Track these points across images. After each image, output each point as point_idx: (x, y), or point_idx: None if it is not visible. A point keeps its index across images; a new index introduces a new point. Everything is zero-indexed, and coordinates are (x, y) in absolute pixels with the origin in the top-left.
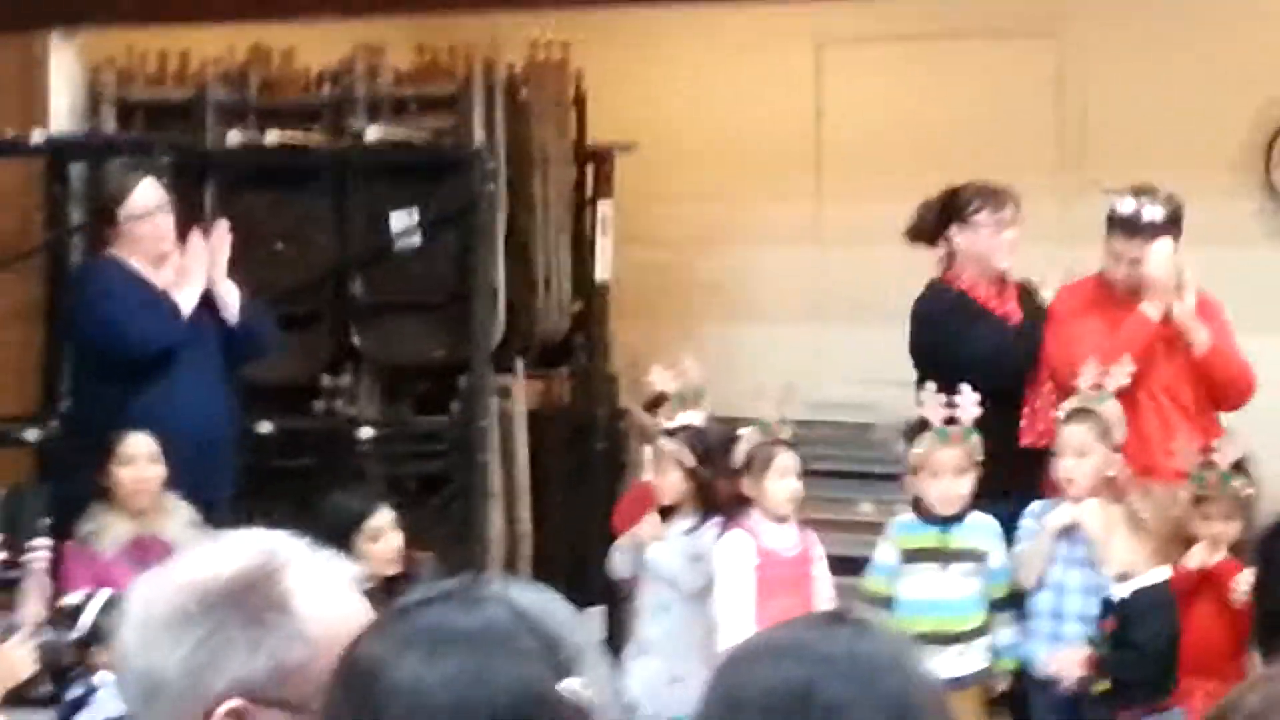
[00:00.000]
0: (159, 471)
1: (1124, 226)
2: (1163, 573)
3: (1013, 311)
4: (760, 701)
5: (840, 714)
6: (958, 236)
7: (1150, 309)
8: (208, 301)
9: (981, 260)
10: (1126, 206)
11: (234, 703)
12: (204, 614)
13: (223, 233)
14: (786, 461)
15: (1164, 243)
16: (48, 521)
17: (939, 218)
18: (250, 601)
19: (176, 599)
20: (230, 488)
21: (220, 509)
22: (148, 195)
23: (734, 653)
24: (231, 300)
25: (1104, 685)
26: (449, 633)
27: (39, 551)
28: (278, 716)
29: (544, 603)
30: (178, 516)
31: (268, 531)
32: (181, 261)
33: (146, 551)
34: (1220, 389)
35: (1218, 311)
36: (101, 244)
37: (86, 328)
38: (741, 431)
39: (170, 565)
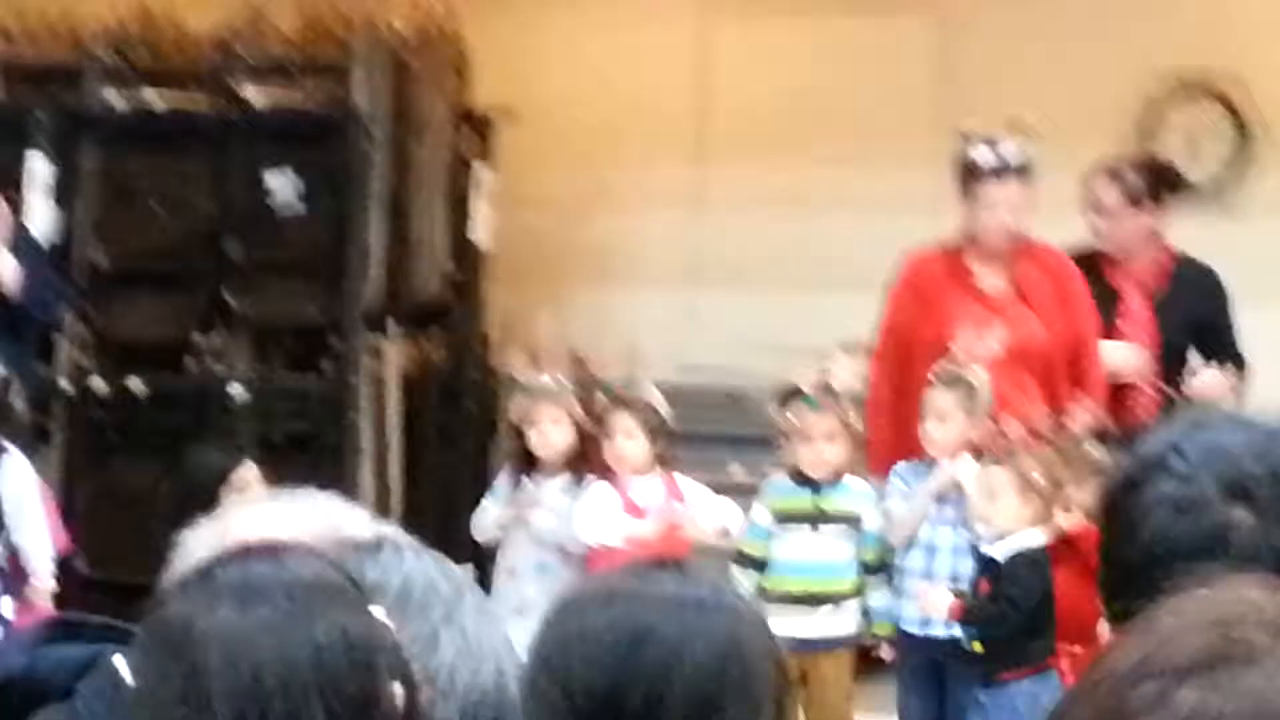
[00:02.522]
0: None
1: (996, 172)
2: (1037, 535)
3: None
4: (593, 646)
5: (674, 654)
6: None
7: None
8: None
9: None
10: (992, 153)
11: None
12: None
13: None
14: (620, 424)
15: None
16: None
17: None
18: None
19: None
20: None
21: None
22: None
23: (562, 600)
24: (7, 275)
25: (978, 645)
26: (257, 584)
27: None
28: None
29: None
30: None
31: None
32: None
33: None
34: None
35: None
36: None
37: None
38: None
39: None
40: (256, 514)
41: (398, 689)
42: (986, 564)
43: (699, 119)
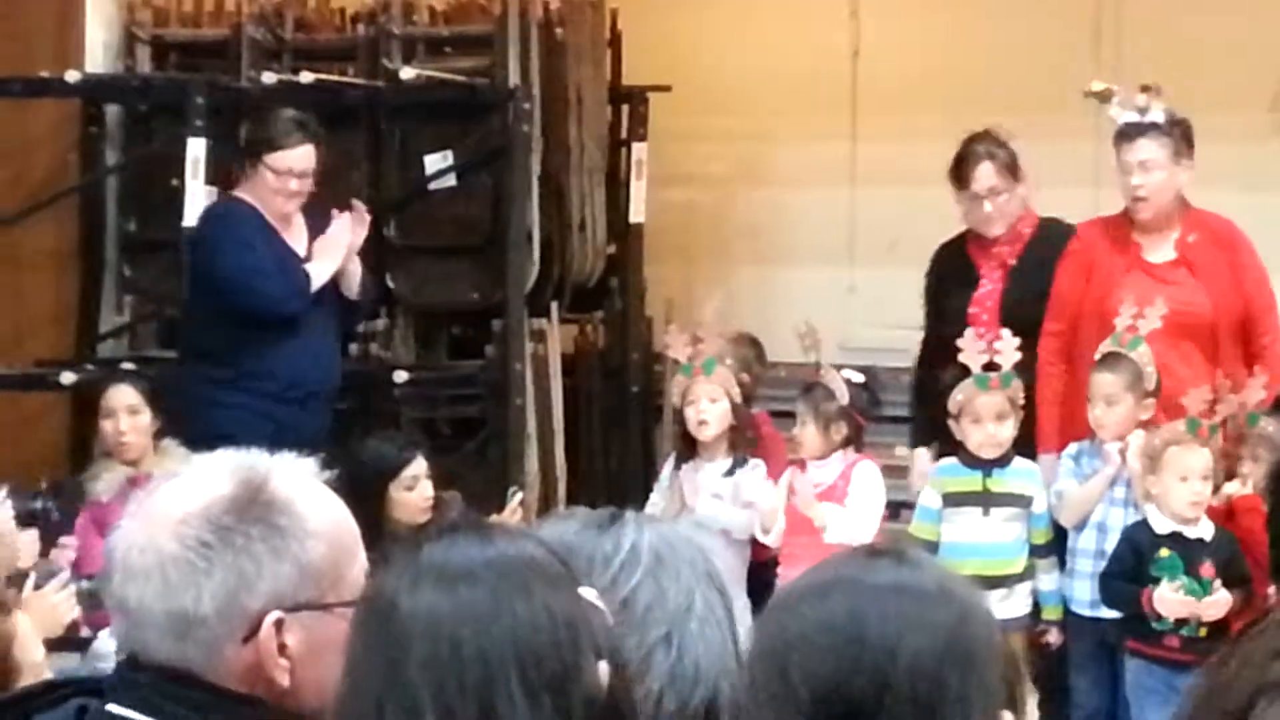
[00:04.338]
0: (144, 421)
1: (1124, 134)
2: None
3: None
4: (812, 640)
5: (893, 643)
6: None
7: None
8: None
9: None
10: (1125, 114)
11: (274, 616)
12: (223, 539)
13: (362, 215)
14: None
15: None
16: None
17: None
18: (260, 513)
19: (188, 533)
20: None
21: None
22: (302, 160)
23: (778, 595)
24: (355, 277)
25: (1204, 630)
26: (462, 565)
27: (67, 550)
28: (309, 618)
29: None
30: (174, 456)
31: (222, 451)
32: (326, 237)
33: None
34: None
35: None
36: (232, 176)
37: (218, 270)
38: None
39: (151, 508)
40: (172, 488)
41: (603, 668)
42: (1193, 547)
43: (853, 93)
